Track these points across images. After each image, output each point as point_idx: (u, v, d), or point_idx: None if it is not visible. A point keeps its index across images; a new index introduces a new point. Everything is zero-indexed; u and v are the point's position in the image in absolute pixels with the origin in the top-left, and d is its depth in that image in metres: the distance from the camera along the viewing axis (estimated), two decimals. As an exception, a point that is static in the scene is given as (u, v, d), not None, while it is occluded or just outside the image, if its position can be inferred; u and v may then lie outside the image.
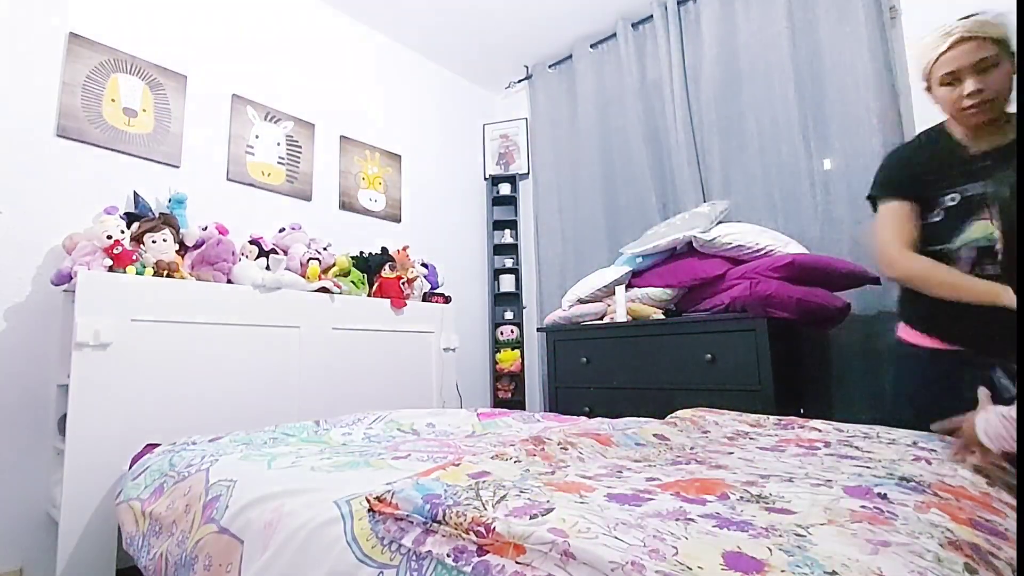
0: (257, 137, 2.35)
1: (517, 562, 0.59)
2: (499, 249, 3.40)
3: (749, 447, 1.14)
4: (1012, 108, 1.18)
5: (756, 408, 1.60)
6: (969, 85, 1.15)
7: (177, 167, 2.08)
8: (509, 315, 3.35)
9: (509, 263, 3.36)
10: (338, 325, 2.15)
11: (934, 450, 1.04)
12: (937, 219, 1.23)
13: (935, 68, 1.20)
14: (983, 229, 1.16)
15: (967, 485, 0.84)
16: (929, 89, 1.25)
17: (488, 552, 0.61)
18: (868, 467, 0.91)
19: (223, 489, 1.02)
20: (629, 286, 2.31)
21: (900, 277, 1.29)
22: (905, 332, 1.35)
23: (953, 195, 1.21)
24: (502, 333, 3.28)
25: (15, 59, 1.74)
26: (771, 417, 1.42)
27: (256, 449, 1.27)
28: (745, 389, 1.82)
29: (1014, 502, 0.82)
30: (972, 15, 1.17)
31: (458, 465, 0.86)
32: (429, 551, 0.65)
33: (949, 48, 1.16)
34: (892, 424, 1.26)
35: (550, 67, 3.26)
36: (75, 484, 1.45)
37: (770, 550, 0.54)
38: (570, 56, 3.14)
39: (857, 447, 1.09)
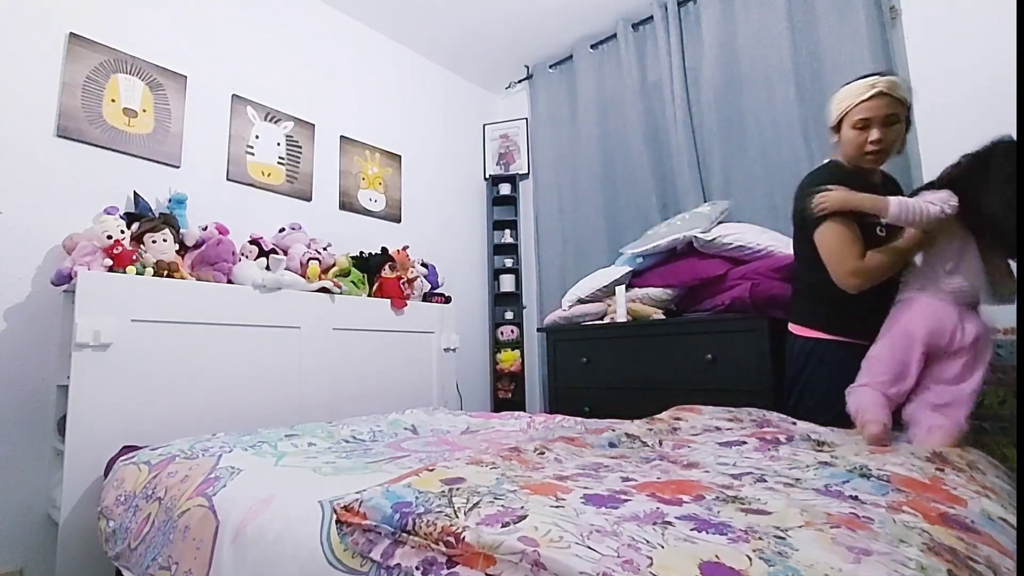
0: (257, 137, 2.35)
1: (487, 573, 0.58)
2: (499, 249, 3.39)
3: (709, 444, 1.17)
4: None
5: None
6: (874, 134, 1.36)
7: (177, 167, 2.08)
8: (509, 315, 3.35)
9: (509, 263, 3.36)
10: (338, 325, 2.14)
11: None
12: (883, 235, 1.38)
13: (852, 112, 1.38)
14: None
15: (916, 474, 0.86)
16: (837, 128, 1.44)
17: (458, 564, 0.60)
18: (828, 463, 0.94)
19: (226, 474, 1.06)
20: (629, 286, 2.30)
21: (864, 281, 1.35)
22: (804, 331, 1.52)
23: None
24: (502, 333, 3.28)
25: (15, 59, 1.73)
26: (753, 411, 1.45)
27: (271, 445, 1.31)
28: (745, 389, 1.82)
29: (963, 482, 0.85)
30: (888, 74, 1.38)
31: (432, 471, 0.85)
32: (398, 564, 0.64)
33: (870, 99, 1.34)
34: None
35: (550, 67, 3.26)
36: (75, 485, 1.45)
37: (749, 559, 0.53)
38: (570, 56, 3.14)
39: (813, 440, 1.13)
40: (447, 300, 2.65)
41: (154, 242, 1.74)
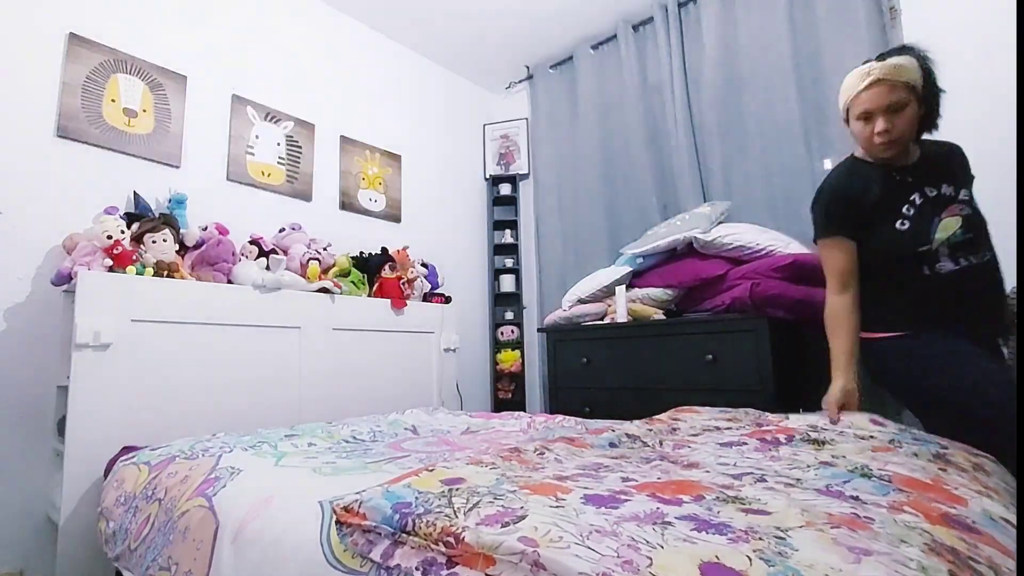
0: (257, 137, 2.35)
1: (487, 573, 0.58)
2: (499, 249, 3.39)
3: (710, 444, 1.16)
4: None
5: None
6: (879, 124, 1.29)
7: (177, 167, 2.08)
8: (509, 315, 3.35)
9: (509, 263, 3.36)
10: (338, 325, 2.14)
11: (872, 436, 1.11)
12: (904, 228, 1.31)
13: (853, 104, 1.33)
14: (950, 226, 1.27)
15: (919, 473, 0.86)
16: (847, 121, 1.39)
17: (458, 564, 0.60)
18: (829, 463, 0.94)
19: (226, 474, 1.06)
20: (629, 286, 2.30)
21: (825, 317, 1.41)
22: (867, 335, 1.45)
23: (906, 206, 1.32)
24: (502, 333, 3.28)
25: (15, 59, 1.73)
26: (750, 411, 1.44)
27: (271, 445, 1.31)
28: (746, 389, 1.82)
29: (964, 481, 0.84)
30: (893, 56, 1.30)
31: (432, 471, 0.85)
32: (398, 564, 0.64)
33: (866, 88, 1.29)
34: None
35: (551, 68, 3.26)
36: (74, 486, 1.45)
37: (749, 559, 0.53)
38: (571, 57, 3.14)
39: (813, 440, 1.12)
40: (447, 300, 2.65)
41: (154, 242, 1.74)
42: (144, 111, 2.00)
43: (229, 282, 1.91)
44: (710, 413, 1.47)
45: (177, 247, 1.82)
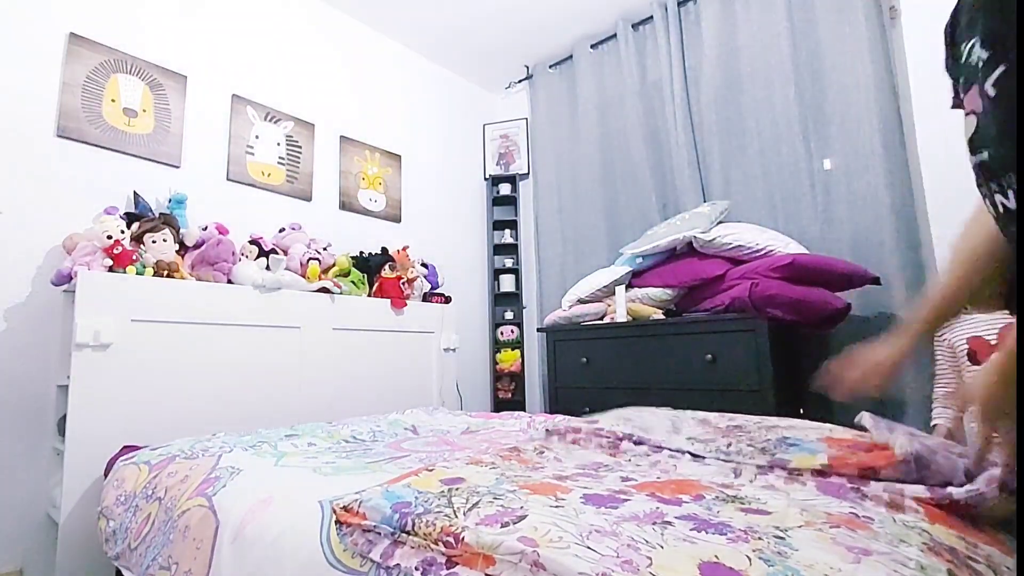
0: (257, 137, 2.35)
1: (486, 573, 0.58)
2: (499, 249, 3.39)
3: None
4: None
5: (756, 409, 1.60)
6: None
7: (177, 167, 2.08)
8: (509, 315, 3.35)
9: (509, 263, 3.36)
10: (338, 325, 2.14)
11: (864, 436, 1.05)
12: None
13: None
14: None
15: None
16: None
17: (457, 564, 0.60)
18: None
19: (226, 474, 1.06)
20: (629, 286, 2.31)
21: None
22: None
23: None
24: (502, 333, 3.28)
25: (15, 59, 1.73)
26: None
27: (271, 445, 1.31)
28: (745, 390, 1.82)
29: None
30: None
31: (431, 471, 0.85)
32: (397, 564, 0.64)
33: None
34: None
35: (550, 67, 3.26)
36: (75, 485, 1.45)
37: (749, 559, 0.53)
38: (570, 56, 3.14)
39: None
40: (447, 300, 2.65)
41: (154, 242, 1.74)
42: (144, 111, 2.00)
43: (229, 282, 1.91)
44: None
45: (177, 247, 1.82)
